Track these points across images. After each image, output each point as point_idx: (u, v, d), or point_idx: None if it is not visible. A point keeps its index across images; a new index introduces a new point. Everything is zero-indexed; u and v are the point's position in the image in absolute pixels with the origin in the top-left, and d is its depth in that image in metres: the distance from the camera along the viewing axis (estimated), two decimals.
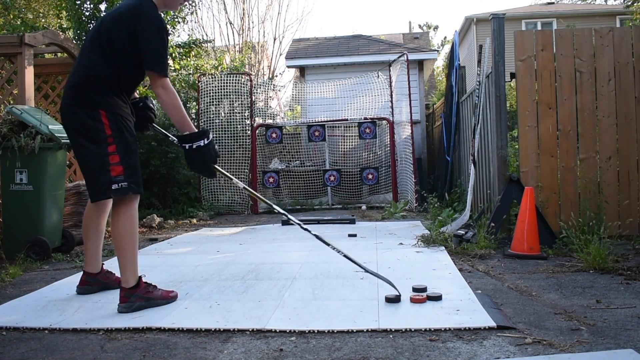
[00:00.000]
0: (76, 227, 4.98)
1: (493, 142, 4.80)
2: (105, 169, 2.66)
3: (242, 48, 18.11)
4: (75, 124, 2.73)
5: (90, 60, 2.74)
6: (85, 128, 2.69)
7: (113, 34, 2.70)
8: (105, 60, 2.72)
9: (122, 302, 2.70)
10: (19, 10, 8.18)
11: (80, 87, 2.73)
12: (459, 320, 2.40)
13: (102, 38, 2.72)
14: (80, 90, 2.73)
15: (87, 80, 2.72)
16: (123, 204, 2.72)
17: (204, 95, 8.60)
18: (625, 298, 2.75)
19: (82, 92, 2.73)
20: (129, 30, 2.68)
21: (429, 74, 18.03)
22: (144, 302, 2.72)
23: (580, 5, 23.85)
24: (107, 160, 2.66)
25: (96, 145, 2.67)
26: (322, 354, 2.09)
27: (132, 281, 2.72)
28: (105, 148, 2.66)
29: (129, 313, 2.67)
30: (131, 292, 2.71)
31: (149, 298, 2.74)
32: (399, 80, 8.58)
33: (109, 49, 2.71)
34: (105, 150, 2.66)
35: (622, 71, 4.44)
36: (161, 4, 2.84)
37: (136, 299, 2.71)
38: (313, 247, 4.52)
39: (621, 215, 4.35)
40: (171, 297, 2.85)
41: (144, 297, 2.73)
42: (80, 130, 2.71)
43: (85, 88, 2.72)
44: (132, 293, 2.71)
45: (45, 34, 5.39)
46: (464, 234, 4.31)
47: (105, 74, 2.71)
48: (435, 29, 37.61)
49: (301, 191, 8.64)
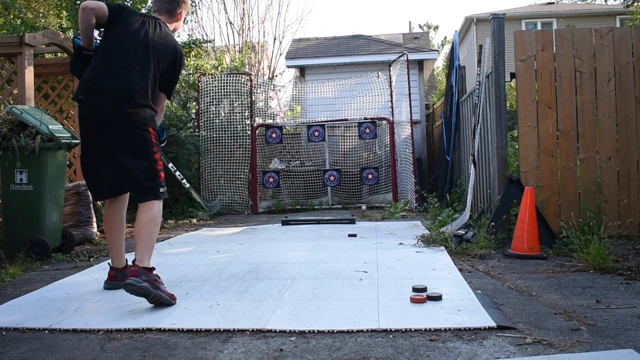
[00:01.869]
0: (76, 227, 4.98)
1: (493, 142, 4.80)
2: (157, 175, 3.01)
3: (242, 48, 18.10)
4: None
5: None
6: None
7: (157, 63, 3.06)
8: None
9: (132, 275, 2.69)
10: (19, 10, 8.17)
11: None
12: (459, 320, 2.40)
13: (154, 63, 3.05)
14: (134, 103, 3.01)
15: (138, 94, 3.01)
16: (158, 202, 2.98)
17: (204, 95, 8.60)
18: (625, 298, 2.75)
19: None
20: (172, 65, 3.13)
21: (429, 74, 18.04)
22: (151, 287, 2.69)
23: (580, 5, 23.84)
24: (156, 167, 3.00)
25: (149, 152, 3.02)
26: (322, 354, 2.10)
27: (147, 263, 2.80)
28: (154, 155, 3.01)
29: (129, 313, 2.67)
30: (143, 270, 2.74)
31: (156, 286, 2.74)
32: (399, 80, 8.58)
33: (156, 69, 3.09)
34: (154, 158, 3.01)
35: (622, 71, 4.44)
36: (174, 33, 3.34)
37: (146, 279, 2.70)
38: (313, 247, 4.53)
39: (621, 215, 4.35)
40: (173, 297, 2.86)
41: (152, 282, 2.73)
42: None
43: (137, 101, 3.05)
44: (144, 272, 2.73)
45: (45, 34, 5.39)
46: (464, 234, 4.31)
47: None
48: (435, 29, 37.58)
49: (301, 191, 8.65)
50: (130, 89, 2.92)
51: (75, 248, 4.75)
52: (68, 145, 4.55)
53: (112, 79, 2.92)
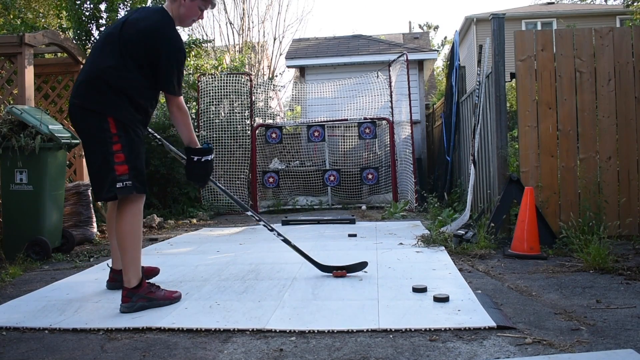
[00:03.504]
0: (76, 227, 4.98)
1: (493, 142, 4.80)
2: (110, 168, 2.66)
3: (242, 48, 18.11)
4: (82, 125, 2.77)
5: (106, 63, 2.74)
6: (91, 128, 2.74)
7: (131, 49, 2.72)
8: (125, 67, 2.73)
9: (124, 302, 2.70)
10: (19, 10, 8.16)
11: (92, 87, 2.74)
12: (459, 320, 2.40)
13: (122, 47, 2.72)
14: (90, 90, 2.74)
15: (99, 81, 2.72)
16: (128, 203, 2.72)
17: (204, 95, 8.59)
18: (625, 298, 2.75)
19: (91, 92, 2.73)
20: (147, 48, 2.71)
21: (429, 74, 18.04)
22: (146, 302, 2.72)
23: (580, 5, 23.84)
24: (112, 159, 2.66)
25: (101, 144, 2.69)
26: (322, 354, 2.10)
27: (135, 281, 2.72)
28: (110, 147, 2.67)
29: (129, 313, 2.67)
30: (133, 292, 2.71)
31: (151, 298, 2.74)
32: (399, 80, 8.58)
33: (128, 58, 2.72)
34: (110, 149, 2.67)
35: (622, 71, 4.44)
36: (176, 20, 2.87)
37: (138, 299, 2.70)
38: (313, 247, 4.52)
39: (621, 215, 4.35)
40: (174, 297, 2.85)
41: (146, 297, 2.73)
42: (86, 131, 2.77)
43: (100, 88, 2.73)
44: (134, 293, 2.71)
45: (45, 34, 5.39)
46: (464, 234, 4.31)
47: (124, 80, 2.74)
48: (435, 29, 37.59)
49: (301, 191, 8.64)
50: (86, 73, 2.75)
51: (75, 248, 4.75)
52: (68, 145, 4.55)
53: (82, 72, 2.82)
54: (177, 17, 2.87)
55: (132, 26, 2.75)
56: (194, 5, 2.87)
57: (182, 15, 2.86)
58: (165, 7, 2.87)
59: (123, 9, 7.33)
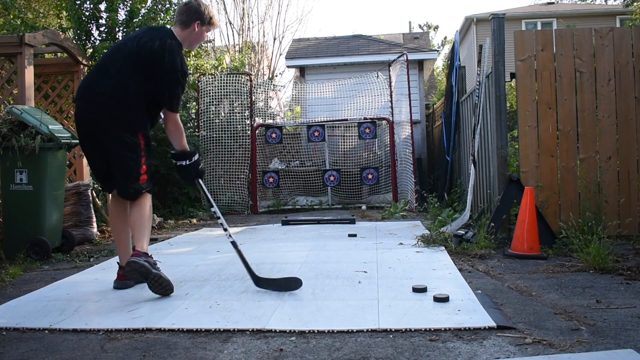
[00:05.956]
0: (76, 227, 4.98)
1: (493, 142, 4.80)
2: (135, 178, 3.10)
3: (242, 48, 18.09)
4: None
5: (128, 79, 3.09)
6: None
7: (147, 68, 3.05)
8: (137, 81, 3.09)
9: (134, 255, 2.92)
10: (19, 10, 8.16)
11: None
12: (459, 320, 2.40)
13: (142, 67, 3.05)
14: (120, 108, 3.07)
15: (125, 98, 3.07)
16: (143, 197, 3.14)
17: (204, 95, 8.59)
18: (625, 298, 2.75)
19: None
20: (157, 68, 3.05)
21: (429, 74, 18.05)
22: (152, 267, 2.88)
23: (580, 5, 23.85)
24: (140, 171, 3.11)
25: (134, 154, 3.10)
26: (322, 354, 2.10)
27: (146, 249, 3.02)
28: (140, 160, 3.11)
29: (129, 313, 2.67)
30: (144, 254, 2.95)
31: (155, 268, 2.92)
32: (399, 80, 8.58)
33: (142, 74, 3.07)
34: (139, 163, 3.11)
35: (622, 71, 4.44)
36: (185, 43, 3.24)
37: (146, 260, 2.89)
38: (313, 247, 4.53)
39: (621, 215, 4.35)
40: (169, 284, 2.98)
41: (152, 264, 2.91)
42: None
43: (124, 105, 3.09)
44: (145, 255, 2.95)
45: (45, 34, 5.39)
46: (464, 234, 4.31)
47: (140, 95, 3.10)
48: (435, 29, 37.58)
49: (301, 191, 8.64)
50: (116, 91, 3.07)
51: (75, 248, 4.75)
52: (68, 145, 4.55)
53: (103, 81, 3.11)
54: (187, 41, 3.24)
55: (147, 46, 3.06)
56: (203, 31, 3.28)
57: (192, 41, 3.27)
58: (174, 30, 3.21)
59: (123, 9, 7.34)
